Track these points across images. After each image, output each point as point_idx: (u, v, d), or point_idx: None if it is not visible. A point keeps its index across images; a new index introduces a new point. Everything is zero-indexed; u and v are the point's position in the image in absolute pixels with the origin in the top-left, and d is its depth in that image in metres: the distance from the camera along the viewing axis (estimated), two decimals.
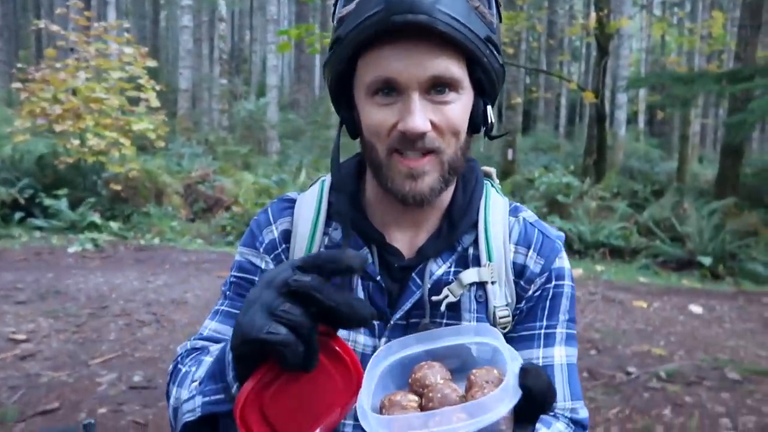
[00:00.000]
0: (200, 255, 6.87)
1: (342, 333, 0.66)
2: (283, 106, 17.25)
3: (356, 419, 0.70)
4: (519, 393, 0.50)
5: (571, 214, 8.51)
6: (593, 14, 9.63)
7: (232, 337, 0.52)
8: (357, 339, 0.76)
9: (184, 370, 0.73)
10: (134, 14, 22.62)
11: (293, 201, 0.84)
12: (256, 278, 0.82)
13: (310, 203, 0.82)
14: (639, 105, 19.10)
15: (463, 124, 0.72)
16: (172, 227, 8.02)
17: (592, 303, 5.44)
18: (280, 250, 0.82)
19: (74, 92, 8.36)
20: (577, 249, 7.97)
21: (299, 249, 0.81)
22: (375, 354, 0.58)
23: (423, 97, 0.68)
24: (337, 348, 0.55)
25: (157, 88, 9.03)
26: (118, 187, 8.24)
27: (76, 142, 8.15)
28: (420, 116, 0.67)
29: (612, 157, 11.32)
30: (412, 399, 0.53)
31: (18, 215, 7.66)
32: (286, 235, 0.82)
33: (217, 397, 0.60)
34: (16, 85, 8.60)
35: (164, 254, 6.79)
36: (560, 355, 0.78)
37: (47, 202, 7.71)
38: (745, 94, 7.56)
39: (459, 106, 0.70)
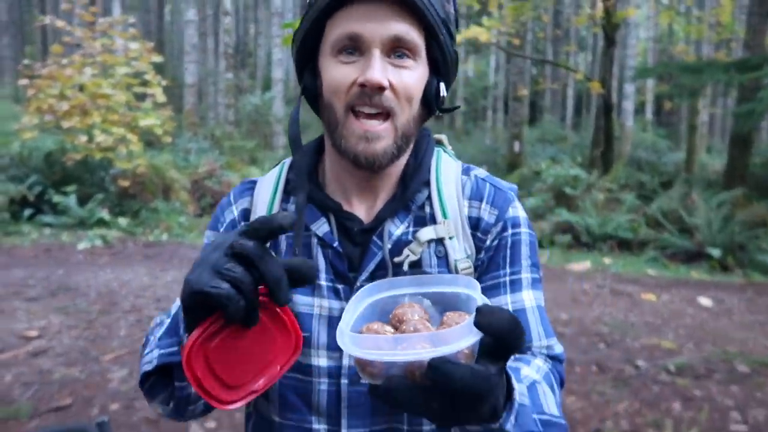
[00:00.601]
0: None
1: (309, 298, 0.79)
2: (289, 99, 17.23)
3: (330, 377, 0.79)
4: (473, 338, 0.53)
5: (579, 207, 8.47)
6: (600, 4, 9.54)
7: (182, 291, 0.57)
8: (322, 304, 0.80)
9: (150, 339, 0.79)
10: (139, 9, 22.61)
11: (254, 183, 0.89)
12: None
13: (269, 182, 0.87)
14: (647, 95, 18.95)
15: (417, 91, 0.76)
16: (180, 223, 8.05)
17: (600, 296, 5.43)
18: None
19: (81, 88, 8.38)
20: (585, 241, 7.94)
21: None
22: (363, 288, 0.63)
23: (383, 58, 0.73)
24: (278, 310, 0.60)
25: (163, 83, 9.04)
26: (126, 183, 8.27)
27: (84, 138, 8.18)
28: (379, 70, 0.71)
29: (619, 148, 11.25)
30: (388, 330, 0.57)
31: (27, 212, 7.71)
32: (246, 214, 0.87)
33: (172, 349, 0.68)
34: (23, 81, 8.62)
35: (172, 250, 6.83)
36: (529, 299, 0.81)
37: (56, 198, 7.76)
38: (754, 83, 7.48)
39: (415, 74, 0.75)
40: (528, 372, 0.73)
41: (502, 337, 0.52)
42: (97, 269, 5.65)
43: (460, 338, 0.51)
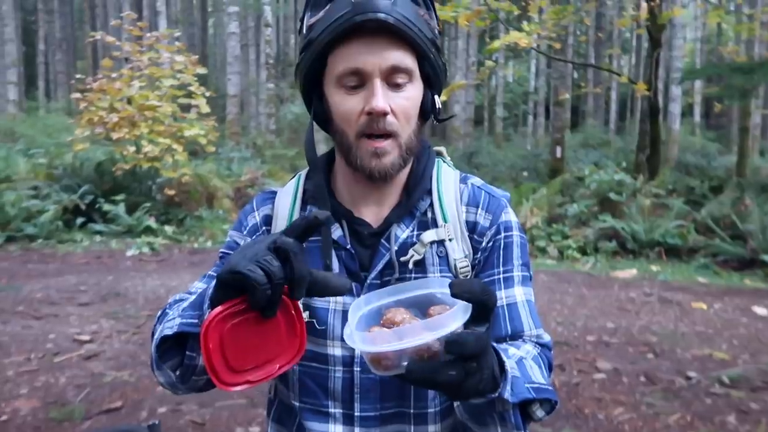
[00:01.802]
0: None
1: (326, 299, 0.88)
2: None
3: (344, 365, 0.89)
4: (468, 312, 0.63)
5: (624, 213, 8.25)
6: (644, 4, 9.31)
7: (224, 266, 0.64)
8: (337, 299, 0.89)
9: (169, 313, 0.87)
10: (184, 23, 23.30)
11: (275, 193, 1.00)
12: None
13: (288, 192, 0.98)
14: (694, 97, 18.37)
15: (414, 109, 0.86)
16: (224, 230, 8.22)
17: (647, 304, 5.27)
18: (260, 231, 0.97)
19: (129, 101, 8.68)
20: (631, 248, 7.73)
21: (279, 229, 0.96)
22: (355, 302, 0.72)
23: (383, 85, 0.83)
24: (293, 313, 0.67)
25: (207, 94, 9.27)
26: (172, 192, 8.50)
27: (132, 149, 8.46)
28: (382, 98, 0.81)
29: (666, 152, 10.93)
30: (386, 331, 0.66)
31: (79, 220, 8.01)
32: (267, 220, 0.97)
33: (192, 321, 0.75)
34: (75, 95, 8.99)
35: (216, 257, 6.97)
36: (520, 294, 0.91)
37: (106, 207, 8.04)
38: None
39: (412, 94, 0.85)
40: (514, 351, 0.82)
41: (478, 299, 0.63)
42: (145, 275, 5.82)
43: (451, 320, 0.62)
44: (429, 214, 0.92)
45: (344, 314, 0.87)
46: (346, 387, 0.89)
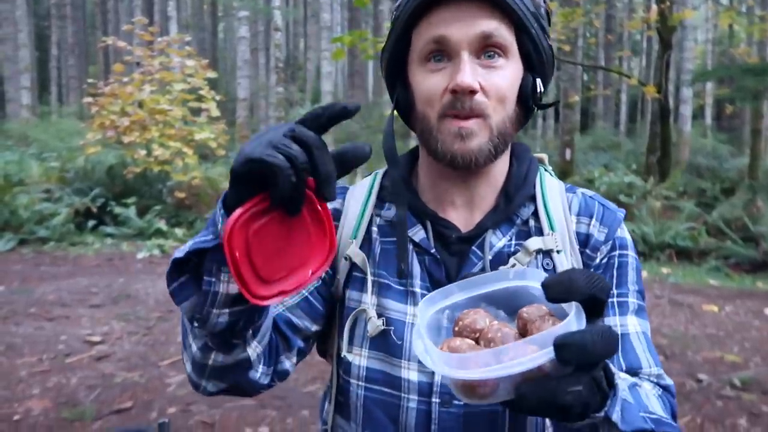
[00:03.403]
0: None
1: (403, 305, 0.75)
2: None
3: (420, 394, 0.73)
4: (583, 317, 0.50)
5: (635, 215, 8.21)
6: (654, 6, 9.28)
7: (236, 159, 0.55)
8: (416, 312, 0.75)
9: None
10: (194, 27, 23.47)
11: (346, 188, 0.88)
12: None
13: (362, 188, 0.86)
14: (705, 99, 18.25)
15: (510, 91, 0.73)
16: None
17: (658, 307, 5.24)
18: None
19: (140, 105, 8.75)
20: (641, 251, 7.68)
21: (348, 227, 0.83)
22: (424, 300, 0.59)
23: (473, 60, 0.71)
24: (319, 208, 0.58)
25: (217, 98, 9.33)
26: (182, 195, 8.56)
27: (143, 152, 8.53)
28: (469, 73, 0.69)
29: (677, 154, 10.86)
30: (470, 343, 0.53)
31: (91, 223, 8.08)
32: (336, 214, 0.83)
33: (207, 237, 0.62)
34: (87, 99, 9.08)
35: None
36: (634, 324, 0.77)
37: (117, 210, 8.10)
38: None
39: (507, 73, 0.72)
40: (626, 376, 0.67)
41: (585, 293, 0.50)
42: (156, 278, 5.86)
43: (564, 330, 0.49)
44: (531, 223, 0.79)
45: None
46: (421, 422, 0.74)
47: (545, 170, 0.86)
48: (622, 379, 0.61)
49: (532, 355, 0.47)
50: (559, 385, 0.49)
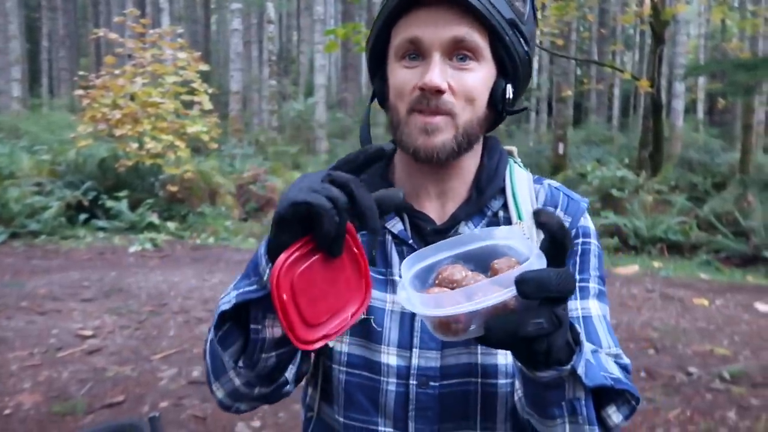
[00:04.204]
0: (253, 253, 7.04)
1: (383, 293, 0.80)
2: (331, 105, 17.42)
3: (399, 377, 0.78)
4: (544, 263, 0.54)
5: (626, 209, 8.26)
6: (647, 1, 9.28)
7: (279, 205, 0.58)
8: (395, 299, 0.80)
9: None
10: (187, 19, 23.29)
11: None
12: None
13: None
14: (698, 94, 18.30)
15: (479, 93, 0.76)
16: (226, 227, 8.24)
17: (649, 300, 5.27)
18: None
19: (132, 97, 8.69)
20: (633, 245, 7.73)
21: None
22: (406, 260, 0.62)
23: (444, 61, 0.74)
24: (355, 250, 0.61)
25: (210, 91, 9.28)
26: (174, 189, 8.52)
27: (135, 145, 8.48)
28: (438, 73, 0.73)
29: (669, 148, 10.90)
30: (448, 291, 0.58)
31: (82, 216, 8.03)
32: None
33: (250, 288, 0.65)
34: (79, 92, 9.01)
35: (219, 253, 6.99)
36: (596, 308, 0.81)
37: (109, 203, 8.06)
38: None
39: (478, 75, 0.76)
40: (590, 346, 0.71)
41: (556, 234, 0.54)
42: (148, 271, 5.84)
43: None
44: (501, 214, 0.84)
45: (402, 316, 0.79)
46: (400, 403, 0.78)
47: (515, 162, 0.90)
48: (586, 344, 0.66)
49: (491, 296, 0.53)
50: (522, 318, 0.52)
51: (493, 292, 0.53)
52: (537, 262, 0.54)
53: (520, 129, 22.03)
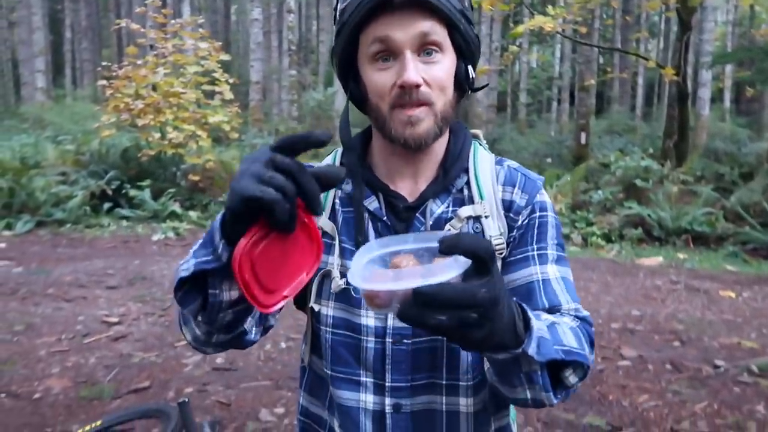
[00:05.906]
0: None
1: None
2: None
3: (377, 336, 0.90)
4: (466, 264, 0.60)
5: (651, 200, 8.12)
6: None
7: (229, 199, 0.63)
8: None
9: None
10: (207, 10, 23.39)
11: (311, 166, 0.96)
12: None
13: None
14: (725, 82, 17.92)
15: (448, 80, 0.87)
16: None
17: (674, 292, 5.19)
18: None
19: (154, 87, 8.76)
20: (657, 236, 7.61)
21: None
22: (367, 244, 0.69)
23: (415, 57, 0.83)
24: (305, 220, 0.67)
25: (231, 81, 9.31)
26: (196, 178, 8.59)
27: (157, 135, 8.56)
28: (413, 70, 0.82)
29: (695, 138, 10.69)
30: (386, 272, 0.65)
31: (106, 205, 8.15)
32: None
33: (207, 258, 0.71)
34: (101, 82, 9.11)
35: None
36: (554, 271, 0.90)
37: (132, 192, 8.16)
38: None
39: (445, 65, 0.86)
40: (548, 317, 0.80)
41: (469, 250, 0.59)
42: (170, 260, 5.91)
43: (445, 270, 0.60)
44: (465, 192, 0.94)
45: None
46: (378, 357, 0.91)
47: (480, 145, 0.99)
48: (543, 320, 0.75)
49: (407, 282, 0.59)
50: (424, 312, 0.58)
51: (411, 279, 0.59)
52: (456, 263, 0.60)
53: (542, 119, 21.81)
